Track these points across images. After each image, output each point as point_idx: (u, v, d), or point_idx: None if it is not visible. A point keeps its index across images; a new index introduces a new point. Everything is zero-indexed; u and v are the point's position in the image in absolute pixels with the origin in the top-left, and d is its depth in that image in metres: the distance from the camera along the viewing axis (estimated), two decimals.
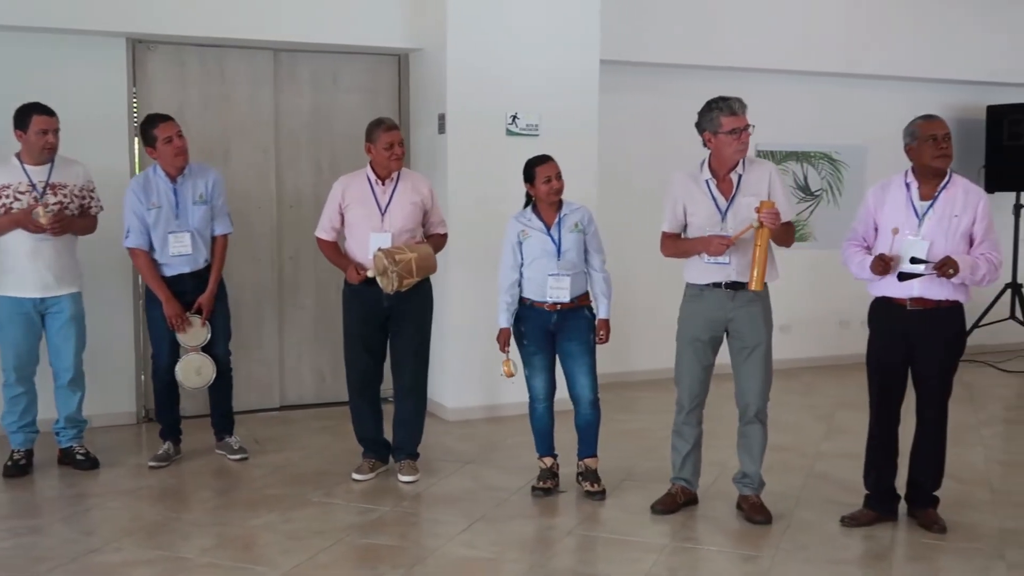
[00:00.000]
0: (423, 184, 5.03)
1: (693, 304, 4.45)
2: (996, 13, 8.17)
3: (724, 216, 4.32)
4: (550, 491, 4.81)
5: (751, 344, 4.37)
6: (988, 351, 8.33)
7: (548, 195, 4.64)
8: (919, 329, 4.22)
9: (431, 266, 4.86)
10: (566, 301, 4.64)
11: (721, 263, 4.31)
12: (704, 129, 4.33)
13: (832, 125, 7.99)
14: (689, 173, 4.44)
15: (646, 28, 7.06)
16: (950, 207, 4.16)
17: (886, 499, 4.46)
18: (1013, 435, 6.25)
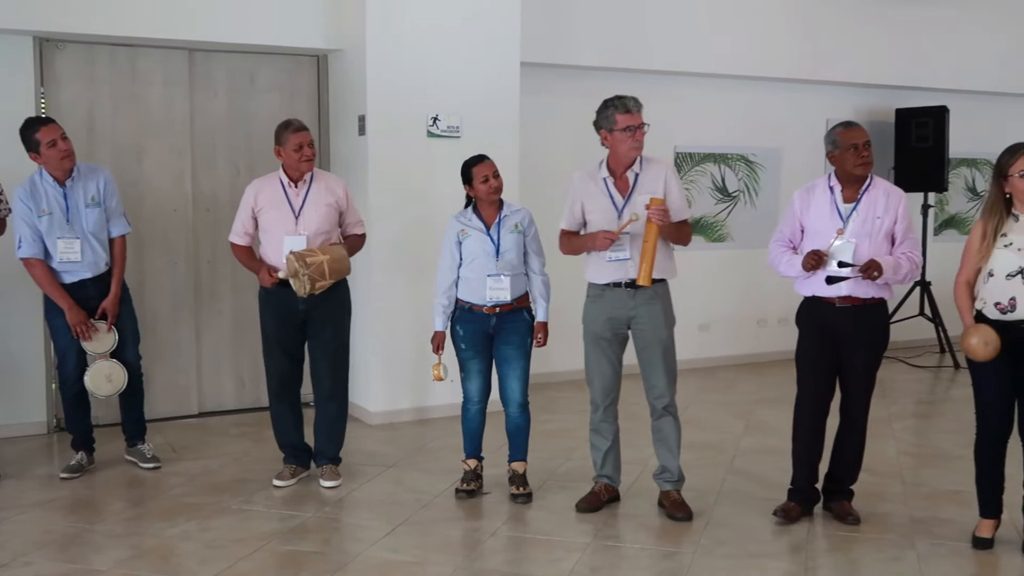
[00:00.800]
0: (338, 185, 4.98)
1: (595, 304, 4.49)
2: (904, 20, 8.41)
3: (621, 214, 4.38)
4: (474, 493, 4.80)
5: (654, 340, 4.44)
6: (899, 347, 8.57)
7: (487, 194, 4.64)
8: (847, 327, 4.33)
9: (344, 268, 4.81)
10: (506, 301, 4.64)
11: (621, 259, 4.36)
12: (601, 127, 4.38)
13: (749, 128, 8.15)
14: (588, 172, 4.50)
15: (567, 31, 7.10)
16: (872, 209, 4.28)
17: (811, 493, 4.57)
18: (923, 429, 6.44)
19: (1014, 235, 3.92)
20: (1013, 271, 3.89)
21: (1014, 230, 3.93)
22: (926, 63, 8.56)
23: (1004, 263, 3.91)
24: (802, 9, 8.02)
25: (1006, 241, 3.92)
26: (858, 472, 4.54)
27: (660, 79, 7.51)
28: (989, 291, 3.96)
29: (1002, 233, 3.94)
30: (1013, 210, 3.96)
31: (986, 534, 4.17)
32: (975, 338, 3.92)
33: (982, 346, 3.90)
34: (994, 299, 3.94)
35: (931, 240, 8.60)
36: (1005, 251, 3.91)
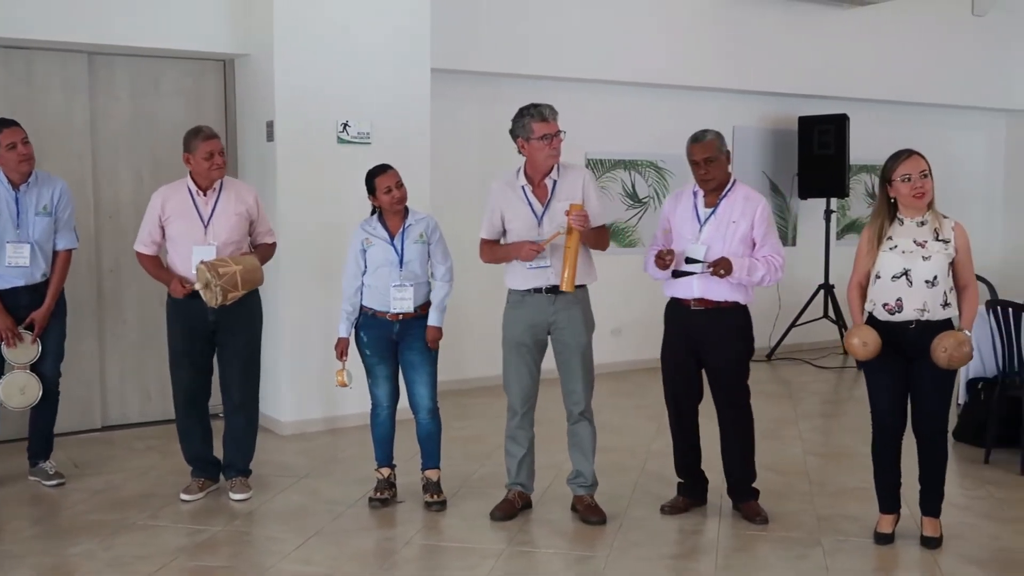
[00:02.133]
0: (248, 193, 4.90)
1: (516, 310, 4.51)
2: (807, 29, 8.65)
3: (541, 221, 4.40)
4: (387, 502, 4.77)
5: (573, 345, 4.47)
6: (804, 349, 8.80)
7: (391, 204, 4.61)
8: (703, 329, 4.45)
9: (257, 279, 4.73)
10: (409, 311, 4.62)
11: (542, 267, 4.38)
12: (517, 136, 4.40)
13: (658, 135, 8.27)
14: (506, 181, 4.51)
15: (477, 37, 7.12)
16: (728, 214, 4.41)
17: (696, 485, 4.71)
18: (829, 428, 6.61)
19: (899, 238, 4.07)
20: (898, 273, 4.04)
21: (899, 233, 4.08)
22: (828, 73, 8.81)
23: (890, 266, 4.05)
24: (709, 19, 8.18)
25: (891, 244, 4.07)
26: (752, 472, 4.63)
27: (570, 86, 7.57)
28: (877, 293, 4.10)
29: (888, 237, 4.09)
30: (898, 215, 4.11)
31: (886, 529, 4.30)
32: (855, 338, 4.06)
33: (861, 346, 4.04)
34: (882, 300, 4.08)
35: (834, 244, 8.87)
36: (891, 254, 4.06)
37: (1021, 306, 5.37)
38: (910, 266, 4.02)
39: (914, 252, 4.03)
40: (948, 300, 4.05)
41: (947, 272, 4.04)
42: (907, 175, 4.01)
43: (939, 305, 4.03)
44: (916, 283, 4.02)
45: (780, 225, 9.03)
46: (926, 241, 4.04)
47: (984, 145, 10.40)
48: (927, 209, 4.08)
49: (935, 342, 3.98)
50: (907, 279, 4.03)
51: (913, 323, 4.04)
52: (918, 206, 4.06)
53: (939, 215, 4.10)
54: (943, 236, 4.05)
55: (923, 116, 9.63)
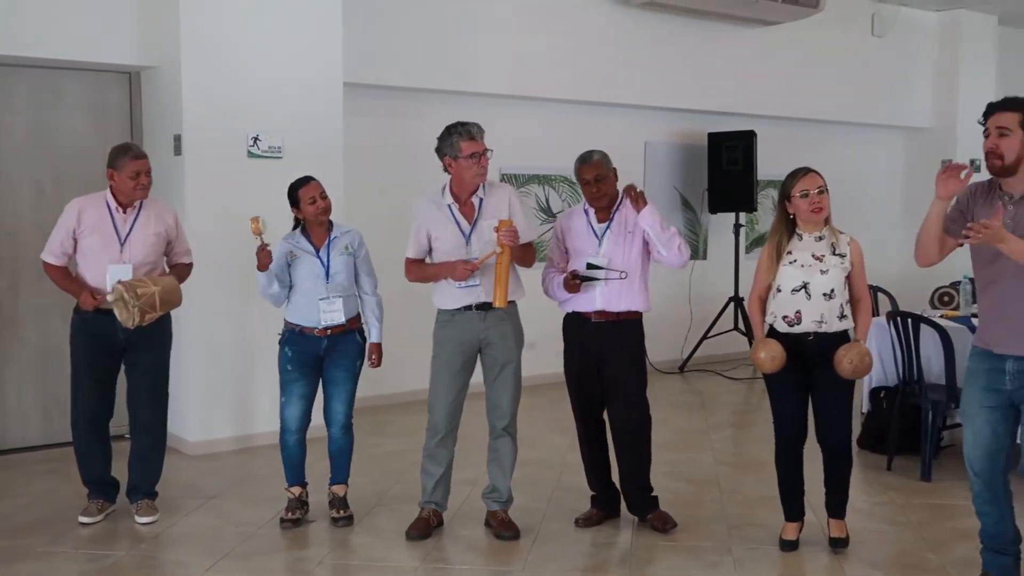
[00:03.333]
0: (168, 213, 4.79)
1: (446, 329, 4.47)
2: (716, 48, 8.83)
3: (469, 240, 4.40)
4: (299, 521, 4.68)
5: (503, 361, 4.47)
6: (716, 361, 8.95)
7: (315, 215, 4.56)
8: (603, 341, 4.51)
9: (176, 300, 4.62)
10: (340, 323, 4.56)
11: (472, 285, 4.37)
12: (444, 154, 4.39)
13: (572, 150, 8.22)
14: (431, 198, 4.49)
15: (391, 52, 7.09)
16: (623, 226, 4.52)
17: (609, 497, 4.75)
18: (739, 438, 6.73)
19: (798, 252, 4.18)
20: (797, 286, 4.14)
21: (798, 248, 4.19)
22: (736, 90, 9.01)
23: (789, 279, 4.16)
24: (621, 37, 8.30)
25: (791, 259, 4.18)
26: (646, 478, 4.67)
27: (485, 101, 7.59)
28: (778, 305, 4.20)
29: (788, 251, 4.19)
30: (797, 230, 4.22)
31: (791, 536, 4.40)
32: (762, 352, 4.15)
33: (768, 360, 4.13)
34: (782, 313, 4.18)
35: (743, 258, 9.06)
36: (790, 268, 4.17)
37: (920, 317, 5.55)
38: (808, 279, 4.13)
39: (812, 266, 4.14)
40: (844, 312, 4.17)
41: (843, 285, 4.17)
42: (805, 191, 4.12)
43: (836, 317, 4.14)
44: (814, 296, 4.13)
45: (691, 239, 9.20)
46: (823, 255, 4.16)
47: (884, 161, 10.76)
48: (824, 224, 4.21)
49: (839, 354, 4.08)
50: (806, 292, 4.14)
51: (811, 335, 4.15)
52: (816, 221, 4.17)
53: (835, 230, 4.23)
54: (839, 251, 4.17)
55: (827, 133, 9.92)
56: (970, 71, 10.38)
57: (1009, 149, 3.49)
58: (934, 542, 4.50)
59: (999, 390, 3.61)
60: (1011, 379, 3.57)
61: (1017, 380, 3.56)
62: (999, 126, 3.51)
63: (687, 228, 9.17)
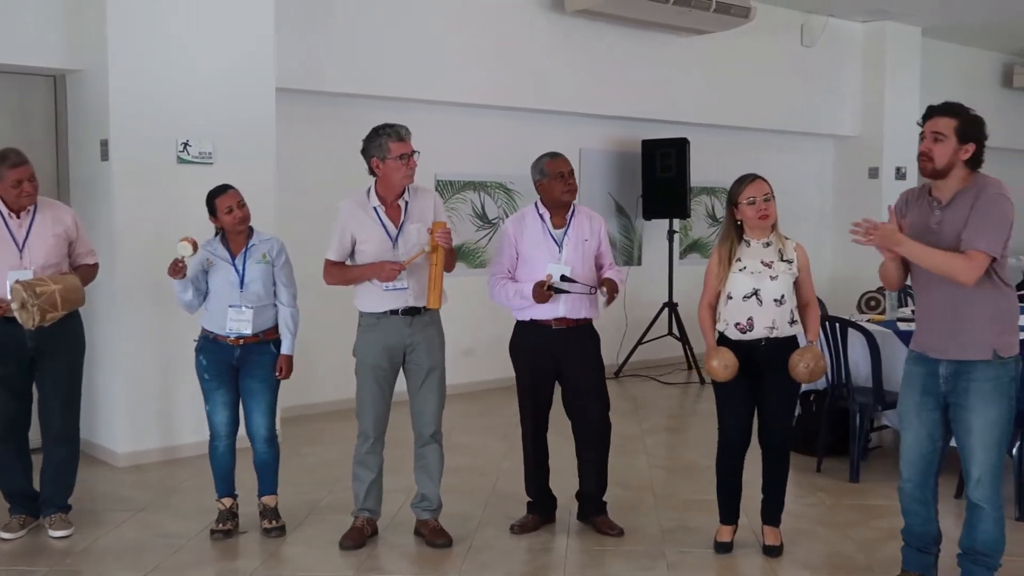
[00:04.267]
0: (66, 214, 4.69)
1: (371, 333, 4.43)
2: (650, 56, 8.92)
3: (395, 243, 4.37)
4: (230, 533, 4.61)
5: (428, 367, 4.44)
6: (651, 365, 9.03)
7: (233, 225, 4.49)
8: (564, 347, 4.53)
9: (78, 298, 4.51)
10: (247, 334, 4.49)
11: (400, 288, 4.34)
12: (372, 156, 4.35)
13: (507, 157, 8.36)
14: (356, 201, 4.44)
15: (325, 57, 7.03)
16: (580, 233, 4.55)
17: (546, 504, 4.75)
18: (674, 443, 6.79)
19: (747, 259, 4.23)
20: (748, 293, 4.19)
21: (747, 255, 4.24)
22: (669, 98, 9.11)
23: (740, 286, 4.20)
24: (556, 44, 8.33)
25: (740, 265, 4.22)
26: (605, 485, 4.71)
27: (419, 107, 7.56)
28: (729, 312, 4.24)
29: (737, 258, 4.24)
30: (745, 236, 4.27)
31: (725, 539, 4.45)
32: (716, 360, 4.18)
33: (722, 368, 4.16)
34: (733, 320, 4.22)
35: (677, 264, 9.15)
36: (740, 275, 4.21)
37: (847, 322, 5.66)
38: (759, 286, 4.18)
39: (762, 272, 4.19)
40: (794, 317, 4.23)
41: (792, 291, 4.22)
42: (752, 198, 4.17)
43: (787, 322, 4.20)
44: (765, 302, 4.18)
45: (626, 245, 9.28)
46: (772, 261, 4.21)
47: (814, 169, 10.97)
48: (771, 231, 4.26)
49: (794, 359, 4.14)
50: (757, 298, 4.18)
51: (763, 341, 4.19)
52: (763, 227, 4.23)
53: (782, 236, 4.28)
54: (787, 256, 4.23)
55: (758, 141, 10.08)
56: (895, 81, 10.65)
57: (941, 154, 3.57)
58: (862, 542, 4.59)
59: (935, 394, 3.69)
60: (945, 383, 3.66)
61: (951, 383, 3.64)
62: (934, 131, 3.58)
63: (622, 234, 9.24)
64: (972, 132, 3.57)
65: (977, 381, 3.58)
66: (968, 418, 3.60)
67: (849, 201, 10.67)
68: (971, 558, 3.72)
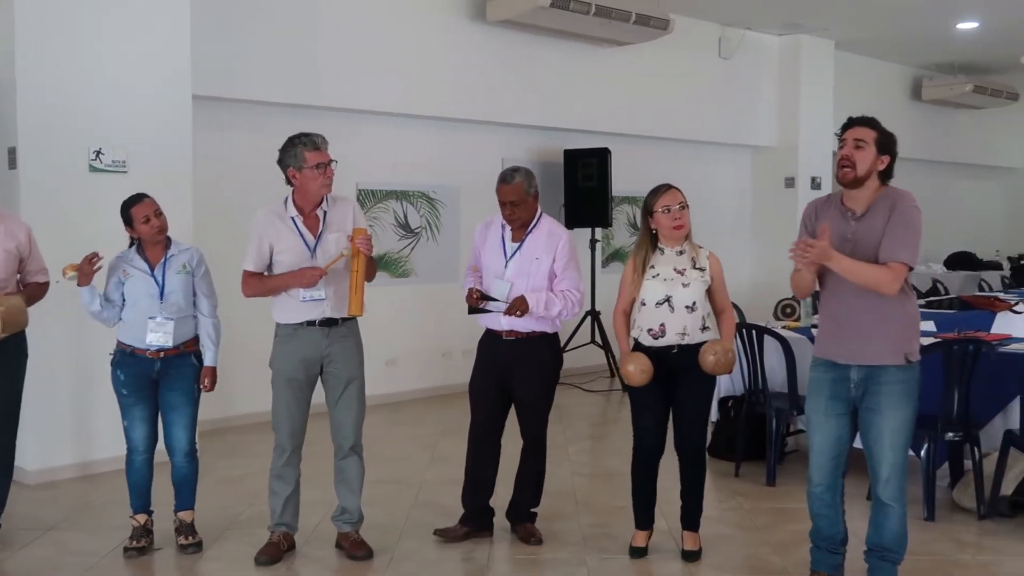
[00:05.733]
0: (20, 229, 4.56)
1: (287, 344, 4.37)
2: (571, 66, 9.01)
3: (314, 253, 4.32)
4: (144, 550, 4.50)
5: (347, 378, 4.40)
6: (574, 374, 9.08)
7: (150, 234, 4.40)
8: (514, 358, 4.54)
9: (22, 320, 4.40)
10: (168, 346, 4.41)
11: (317, 299, 4.30)
12: (288, 165, 4.30)
13: (430, 166, 8.36)
14: (273, 211, 4.39)
15: (244, 64, 6.94)
16: (532, 251, 4.55)
17: (484, 516, 4.73)
18: (596, 449, 6.84)
19: (661, 267, 4.29)
20: (661, 299, 4.25)
21: (660, 262, 4.31)
22: (591, 108, 9.21)
23: (653, 293, 4.27)
24: (479, 54, 8.36)
25: (654, 272, 4.29)
26: (540, 495, 4.74)
27: (341, 116, 7.52)
28: (642, 319, 4.30)
29: (651, 265, 4.30)
30: (659, 244, 4.33)
31: (640, 544, 4.50)
32: (631, 365, 4.23)
33: (638, 373, 4.22)
34: (647, 326, 4.28)
35: (599, 272, 9.24)
36: (653, 281, 4.27)
37: (763, 328, 5.78)
38: (671, 293, 4.24)
39: (675, 279, 4.26)
40: (706, 324, 4.30)
41: (704, 298, 4.29)
42: (667, 207, 4.24)
43: (698, 329, 4.27)
44: (677, 308, 4.24)
45: None
46: (685, 269, 4.28)
47: (732, 179, 11.17)
48: (685, 239, 4.33)
49: (704, 348, 4.21)
50: (669, 305, 4.24)
51: (675, 347, 4.25)
52: (677, 236, 4.30)
53: (696, 245, 4.36)
54: (700, 264, 4.30)
55: (678, 151, 10.24)
56: (810, 93, 10.92)
57: (862, 161, 3.67)
58: (778, 544, 4.68)
59: (845, 399, 3.79)
60: (855, 387, 3.75)
61: (861, 388, 3.74)
62: (857, 138, 3.68)
63: None
64: (888, 145, 3.70)
65: (889, 385, 3.68)
66: (879, 421, 3.70)
67: (766, 210, 10.90)
68: (878, 554, 3.83)
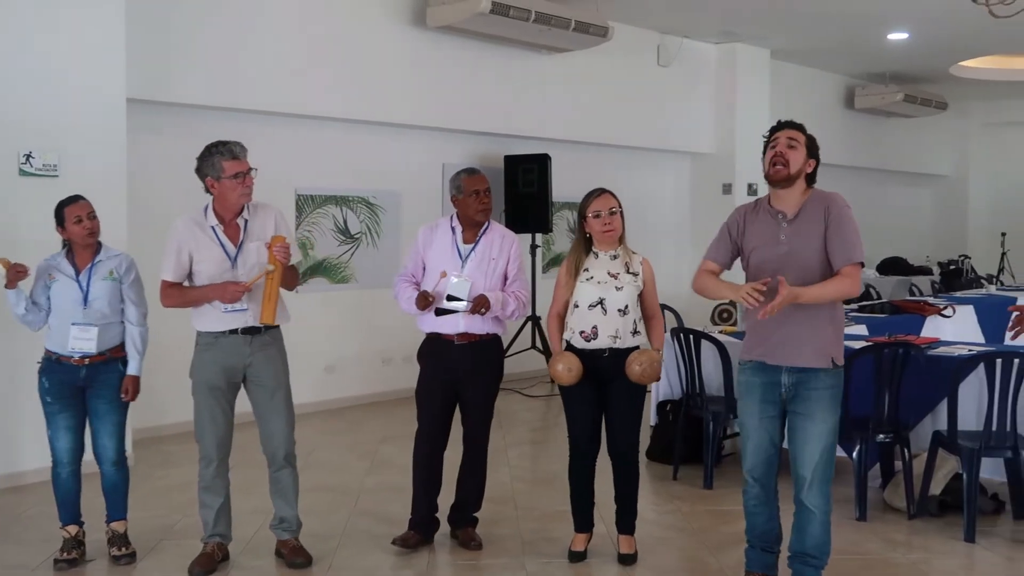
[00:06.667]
0: None
1: (208, 352, 4.30)
2: (512, 72, 9.03)
3: (234, 263, 4.26)
4: (75, 562, 4.40)
5: (272, 387, 4.35)
6: (515, 379, 9.07)
7: (82, 237, 4.33)
8: (466, 362, 4.54)
9: None
10: (92, 353, 4.33)
11: (239, 310, 4.24)
12: (206, 175, 4.24)
13: (371, 171, 8.32)
14: (193, 219, 4.32)
15: (180, 68, 6.83)
16: (489, 251, 4.57)
17: (430, 523, 4.72)
18: (536, 454, 6.87)
19: (594, 270, 4.34)
20: (593, 302, 4.30)
21: (594, 266, 4.35)
22: (531, 114, 9.25)
23: (586, 295, 4.31)
24: (418, 59, 8.34)
25: (588, 275, 4.33)
26: (482, 499, 4.75)
27: (279, 120, 7.46)
28: (575, 321, 4.34)
29: (585, 268, 4.34)
30: (593, 248, 4.38)
31: (579, 547, 4.53)
32: (560, 364, 4.28)
33: (565, 371, 4.26)
34: (579, 328, 4.32)
35: (540, 277, 9.28)
36: (587, 284, 4.32)
37: (700, 333, 5.85)
38: (604, 296, 4.29)
39: (608, 283, 4.30)
40: (637, 328, 4.35)
41: (636, 303, 4.34)
42: (598, 212, 4.29)
43: (629, 333, 4.31)
44: (610, 312, 4.28)
45: None
46: (618, 273, 4.32)
47: (672, 185, 11.30)
48: (619, 244, 4.38)
49: (631, 358, 4.25)
50: (602, 308, 4.29)
51: (607, 351, 4.29)
52: (609, 240, 4.34)
53: (629, 250, 4.41)
54: (633, 269, 4.35)
55: (618, 157, 10.34)
56: (746, 100, 11.09)
57: (795, 160, 3.75)
58: (714, 546, 4.74)
59: (775, 401, 3.85)
60: (787, 390, 3.82)
61: (792, 390, 3.80)
62: (790, 137, 3.78)
63: None
64: (815, 150, 3.83)
65: (818, 390, 3.76)
66: (807, 426, 3.77)
67: (705, 216, 11.03)
68: (801, 559, 3.89)
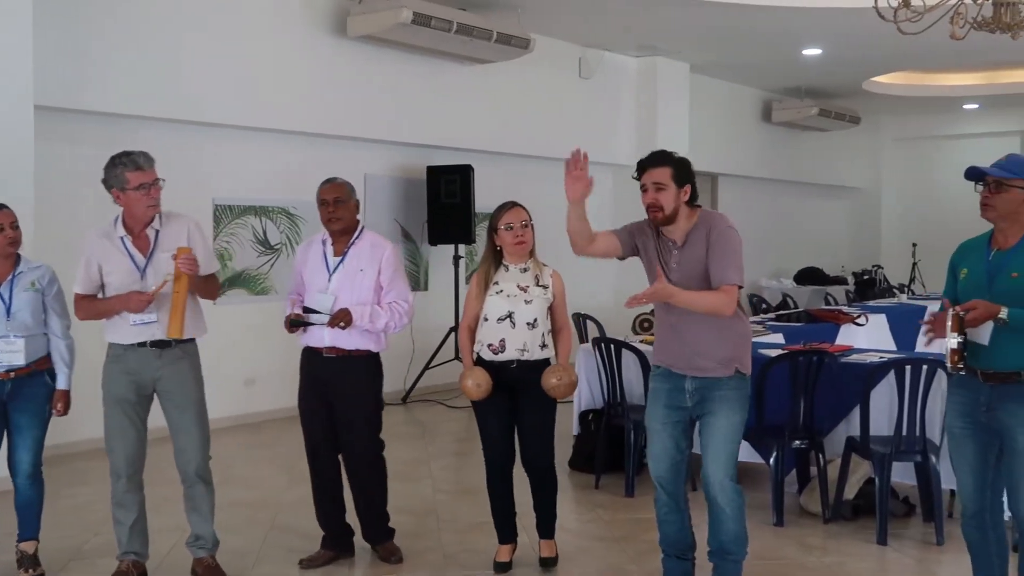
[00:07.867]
0: None
1: (117, 364, 4.21)
2: (434, 83, 9.02)
3: (144, 274, 4.18)
4: None
5: (183, 402, 4.25)
6: (438, 390, 9.07)
7: (3, 247, 4.23)
8: (335, 376, 4.48)
9: None
10: (20, 365, 4.21)
11: (148, 322, 4.15)
12: (112, 186, 4.15)
13: (290, 181, 8.21)
14: (103, 231, 4.24)
15: (93, 75, 6.66)
16: (356, 262, 4.50)
17: (341, 537, 4.65)
18: (458, 466, 6.84)
19: (504, 283, 4.36)
20: (503, 315, 4.31)
21: (504, 279, 4.37)
22: (453, 125, 9.25)
23: (495, 308, 4.32)
24: (339, 68, 8.28)
25: (497, 289, 4.35)
26: (384, 512, 4.68)
27: (196, 130, 7.33)
28: (484, 334, 4.35)
29: (495, 282, 4.36)
30: (504, 261, 4.40)
31: (504, 558, 4.52)
32: (469, 380, 4.29)
33: (474, 387, 4.27)
34: (487, 341, 4.33)
35: (463, 288, 9.25)
36: (496, 298, 4.33)
37: (621, 343, 5.91)
38: (514, 309, 4.30)
39: (517, 296, 4.32)
40: (545, 342, 4.38)
41: (546, 316, 4.37)
42: (510, 224, 4.30)
43: (538, 346, 4.34)
44: (519, 325, 4.30)
45: (412, 271, 9.30)
46: (528, 286, 4.34)
47: (594, 197, 11.15)
48: (529, 257, 4.40)
49: (547, 371, 4.28)
50: (511, 321, 4.30)
51: (514, 363, 4.31)
52: (519, 253, 4.36)
53: (540, 263, 4.43)
54: (543, 282, 4.38)
55: (540, 168, 10.35)
56: (666, 112, 11.25)
57: (667, 201, 3.80)
58: (636, 554, 4.78)
59: (680, 407, 3.90)
60: (690, 396, 3.87)
61: (696, 396, 3.86)
62: (655, 181, 3.81)
63: (408, 259, 9.27)
64: (685, 174, 3.84)
65: (723, 391, 3.83)
66: (712, 422, 3.84)
67: None
68: (719, 555, 3.95)
